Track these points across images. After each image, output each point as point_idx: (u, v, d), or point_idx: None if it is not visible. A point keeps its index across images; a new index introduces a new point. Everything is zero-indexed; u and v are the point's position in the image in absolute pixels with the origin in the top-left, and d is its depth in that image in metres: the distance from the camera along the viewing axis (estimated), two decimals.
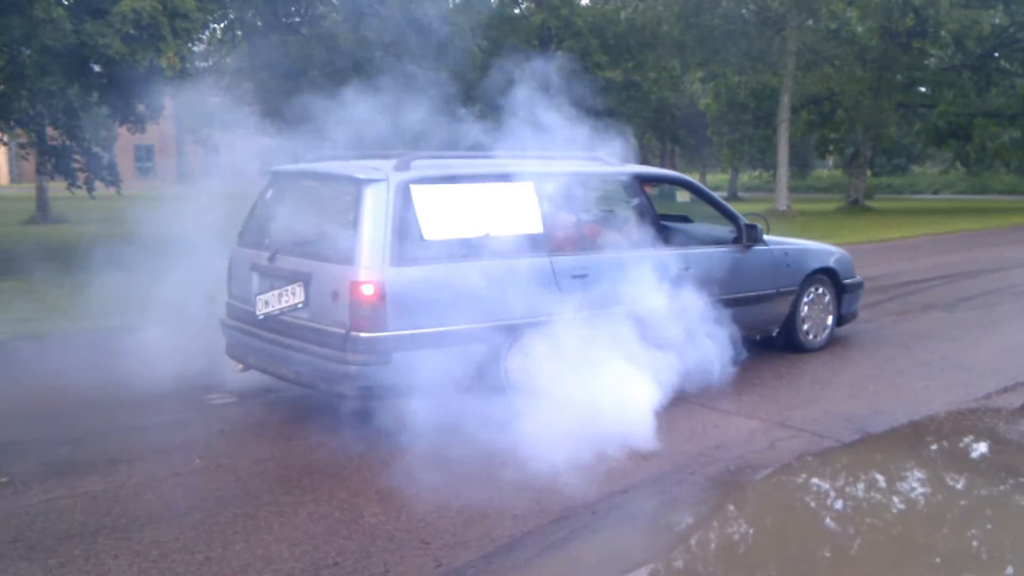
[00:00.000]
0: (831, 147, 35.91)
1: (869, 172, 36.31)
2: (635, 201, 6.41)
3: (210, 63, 20.55)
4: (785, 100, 26.17)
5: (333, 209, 5.65)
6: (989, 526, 4.21)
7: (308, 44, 15.27)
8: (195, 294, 6.59)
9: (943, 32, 26.66)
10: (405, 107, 6.62)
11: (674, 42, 27.15)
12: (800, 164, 43.39)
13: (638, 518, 4.18)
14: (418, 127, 6.39)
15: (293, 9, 16.71)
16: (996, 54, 31.06)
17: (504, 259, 5.28)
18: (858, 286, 7.82)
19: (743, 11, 27.06)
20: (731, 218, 6.88)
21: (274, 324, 5.40)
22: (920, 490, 4.71)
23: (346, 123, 6.46)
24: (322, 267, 5.16)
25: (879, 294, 10.12)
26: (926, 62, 31.90)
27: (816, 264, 7.35)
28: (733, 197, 35.46)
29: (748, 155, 39.72)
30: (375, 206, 5.00)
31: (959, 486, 4.71)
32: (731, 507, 4.41)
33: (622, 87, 27.62)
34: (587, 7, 27.32)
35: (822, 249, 7.72)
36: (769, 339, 7.16)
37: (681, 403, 5.68)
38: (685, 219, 7.52)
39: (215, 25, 18.00)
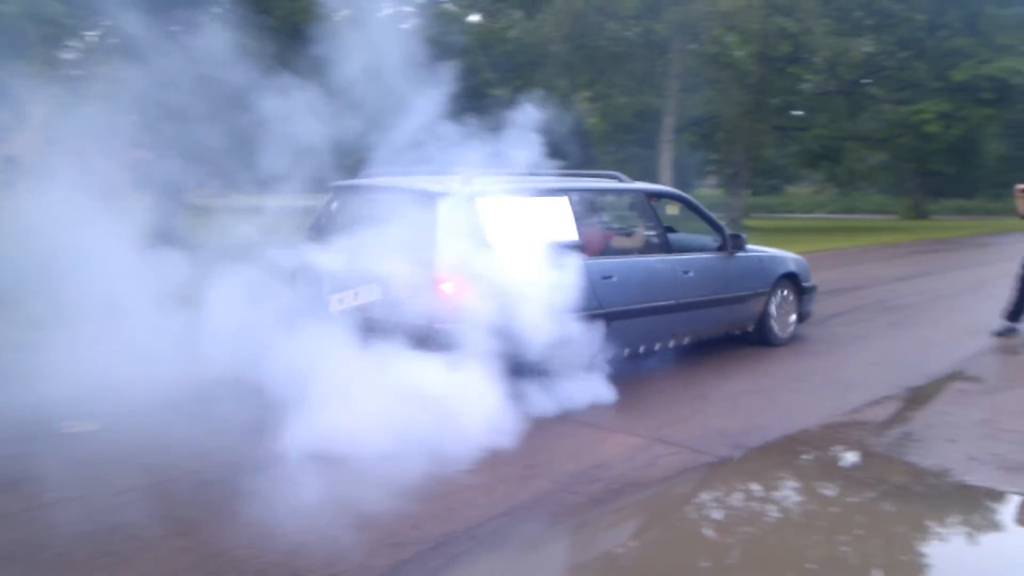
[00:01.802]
0: (712, 167, 37.00)
1: (749, 192, 37.56)
2: (647, 214, 7.37)
3: (83, 72, 19.67)
4: (668, 121, 26.83)
5: (406, 218, 6.00)
6: (860, 532, 4.33)
7: (188, 54, 14.77)
8: (47, 314, 6.22)
9: (817, 59, 27.87)
10: (287, 121, 6.43)
11: (562, 62, 27.53)
12: (682, 184, 44.53)
13: (520, 541, 4.12)
14: (311, 139, 6.21)
15: (173, 18, 16.14)
16: (866, 80, 32.65)
17: (547, 262, 5.89)
18: (813, 289, 8.88)
19: (628, 34, 27.65)
20: (717, 229, 7.82)
21: (349, 319, 5.78)
22: (795, 501, 4.82)
23: (224, 138, 6.25)
24: (401, 268, 5.70)
25: None
26: (801, 87, 33.28)
27: (783, 269, 8.38)
28: None
29: (633, 174, 40.57)
30: (448, 215, 5.81)
31: (831, 497, 4.83)
32: (613, 526, 4.40)
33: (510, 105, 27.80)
34: (476, 24, 27.44)
35: (785, 256, 8.67)
36: (746, 334, 8.16)
37: (564, 421, 5.70)
38: (670, 229, 7.99)
39: (88, 33, 17.24)
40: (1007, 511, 4.62)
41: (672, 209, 8.32)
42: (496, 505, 4.38)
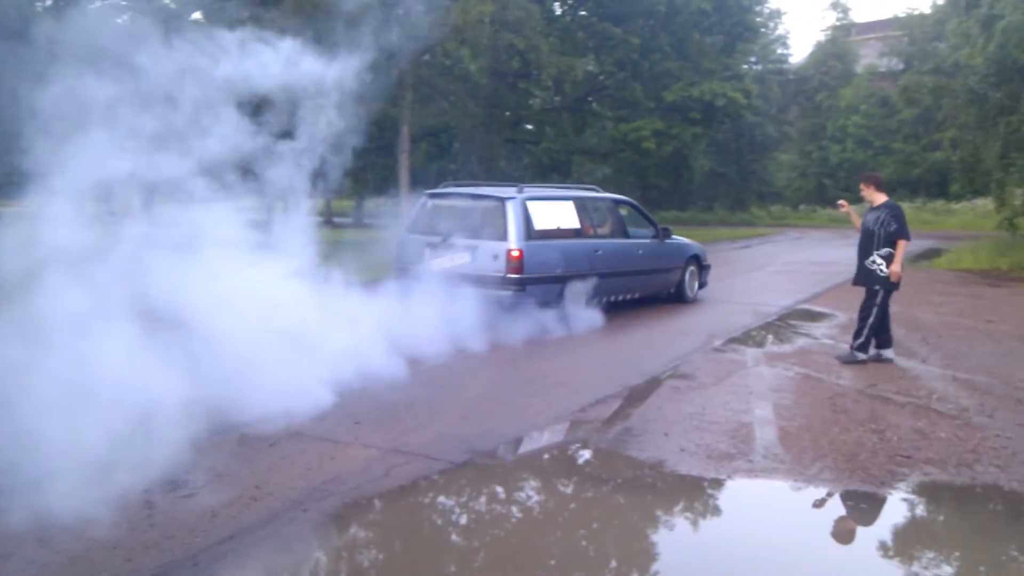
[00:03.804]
0: (450, 177, 37.66)
1: None
2: (614, 213, 11.46)
3: None
4: (405, 131, 26.98)
5: (484, 214, 9.87)
6: (596, 525, 4.55)
7: None
8: None
9: (544, 75, 29.17)
10: None
11: None
12: (423, 192, 44.95)
13: (246, 566, 3.92)
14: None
15: None
16: (589, 98, 34.62)
17: (566, 240, 10.09)
18: (709, 266, 13.08)
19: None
20: (653, 224, 11.92)
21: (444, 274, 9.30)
22: (525, 500, 4.96)
23: None
24: (484, 243, 9.55)
25: None
26: (531, 102, 34.67)
27: (691, 252, 12.49)
28: (360, 224, 35.78)
29: (374, 183, 40.45)
30: (513, 212, 9.52)
31: (560, 493, 5.02)
32: (344, 542, 4.30)
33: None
34: (198, 23, 26.14)
35: (692, 243, 12.73)
36: (669, 295, 12.14)
37: (296, 438, 5.52)
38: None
39: None
40: (713, 495, 5.01)
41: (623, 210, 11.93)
42: (220, 529, 4.14)
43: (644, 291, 11.52)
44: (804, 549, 4.35)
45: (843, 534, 4.59)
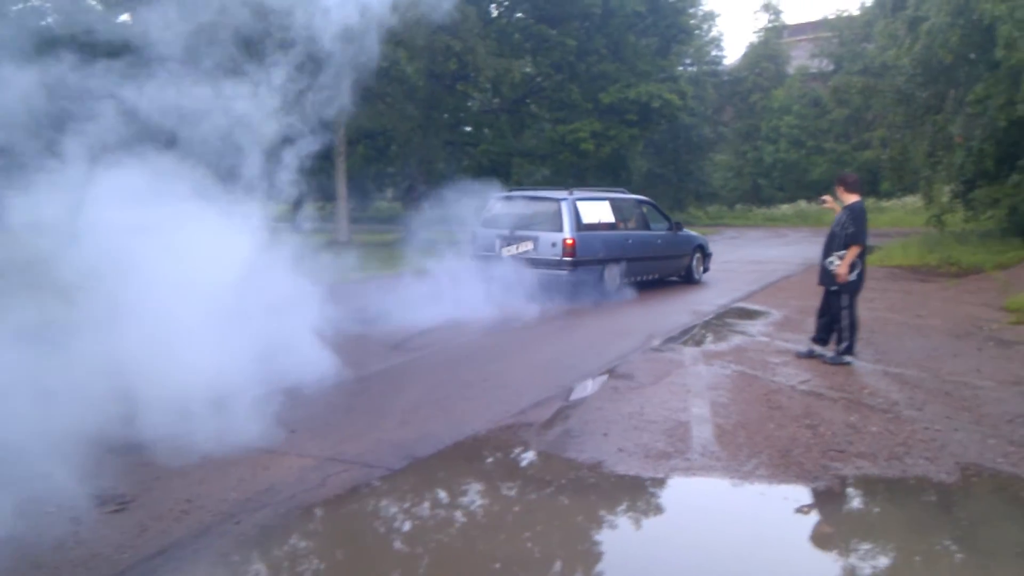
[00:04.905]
0: (388, 180, 37.40)
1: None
2: (638, 210, 14.02)
3: None
4: (341, 133, 26.71)
5: (543, 211, 12.49)
6: (538, 528, 4.54)
7: None
8: None
9: (481, 77, 29.15)
10: None
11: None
12: (361, 195, 44.61)
13: None
14: None
15: None
16: (527, 100, 34.67)
17: (604, 231, 12.72)
18: (711, 254, 15.90)
19: None
20: (667, 219, 14.73)
21: (512, 259, 12.28)
22: (466, 504, 4.92)
23: None
24: (544, 234, 12.23)
25: (430, 323, 10.49)
26: (469, 104, 34.58)
27: (698, 241, 15.33)
28: (298, 228, 35.37)
29: (310, 184, 39.93)
30: (566, 209, 12.21)
31: (500, 496, 4.99)
32: (280, 553, 4.20)
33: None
34: (126, 24, 25.56)
35: (698, 235, 15.74)
36: (680, 277, 14.86)
37: (229, 449, 5.37)
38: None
39: None
40: (651, 494, 5.02)
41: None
42: (149, 545, 4.02)
43: (662, 273, 14.30)
44: (740, 544, 4.38)
45: (778, 529, 4.63)
